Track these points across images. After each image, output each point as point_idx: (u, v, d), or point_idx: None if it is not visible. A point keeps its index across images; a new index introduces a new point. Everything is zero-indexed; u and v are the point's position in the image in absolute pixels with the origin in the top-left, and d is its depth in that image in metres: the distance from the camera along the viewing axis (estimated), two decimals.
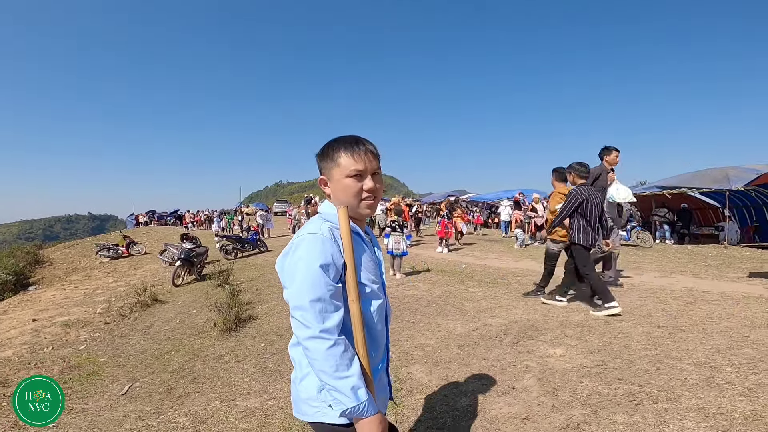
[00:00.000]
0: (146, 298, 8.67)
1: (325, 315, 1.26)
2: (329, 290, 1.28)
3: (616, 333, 4.02)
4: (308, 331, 1.25)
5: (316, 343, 1.24)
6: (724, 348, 3.44)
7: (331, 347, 1.24)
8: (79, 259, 20.27)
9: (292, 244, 1.37)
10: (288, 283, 1.32)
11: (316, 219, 1.43)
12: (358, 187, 1.38)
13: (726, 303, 4.95)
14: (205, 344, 5.36)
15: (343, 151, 1.39)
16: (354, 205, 1.40)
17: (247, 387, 3.83)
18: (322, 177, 1.46)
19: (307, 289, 1.26)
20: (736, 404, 2.51)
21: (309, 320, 1.25)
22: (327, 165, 1.43)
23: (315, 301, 1.25)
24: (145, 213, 41.32)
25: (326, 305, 1.27)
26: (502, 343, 4.03)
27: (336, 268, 1.31)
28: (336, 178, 1.40)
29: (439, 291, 6.54)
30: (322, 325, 1.25)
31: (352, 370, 1.25)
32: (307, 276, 1.27)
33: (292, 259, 1.33)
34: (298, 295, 1.27)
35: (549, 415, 2.64)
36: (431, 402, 3.06)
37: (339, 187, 1.40)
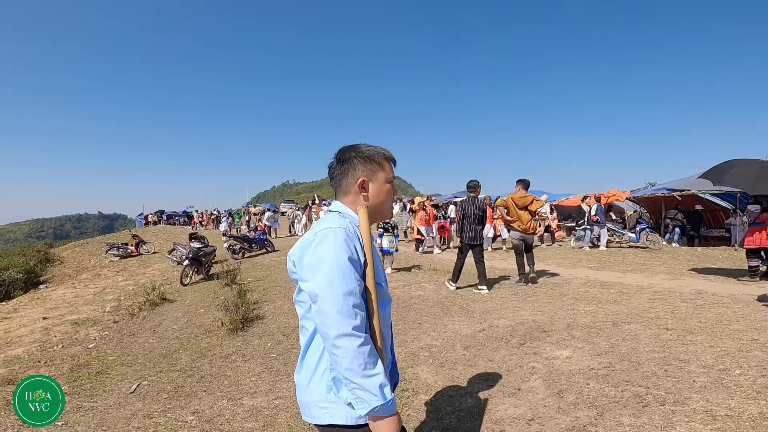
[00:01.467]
0: (155, 297, 8.73)
1: (356, 311, 1.24)
2: (359, 284, 1.28)
3: (624, 335, 3.99)
4: (340, 328, 1.21)
5: (347, 341, 1.21)
6: (733, 351, 3.40)
7: (362, 345, 1.22)
8: (89, 258, 20.48)
9: (315, 235, 1.33)
10: (315, 276, 1.27)
11: (334, 215, 1.43)
12: (392, 192, 1.54)
13: (736, 306, 4.90)
14: (212, 343, 5.40)
15: (385, 159, 1.51)
16: (387, 207, 1.53)
17: (254, 386, 3.85)
18: (365, 178, 1.47)
19: (340, 282, 1.24)
20: (744, 407, 2.48)
21: (342, 316, 1.21)
22: (373, 168, 1.49)
23: (348, 295, 1.23)
24: (154, 212, 41.65)
25: (357, 299, 1.26)
26: (509, 345, 4.01)
27: (360, 264, 1.33)
28: (381, 181, 1.49)
29: (446, 292, 6.54)
30: (354, 321, 1.22)
31: (378, 368, 1.24)
32: (338, 269, 1.25)
33: (319, 250, 1.29)
34: (330, 288, 1.23)
35: (555, 417, 2.63)
36: (437, 403, 3.07)
37: (381, 189, 1.49)
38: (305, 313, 1.38)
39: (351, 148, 1.51)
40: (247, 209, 30.94)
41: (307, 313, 1.37)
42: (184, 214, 40.03)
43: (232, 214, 25.93)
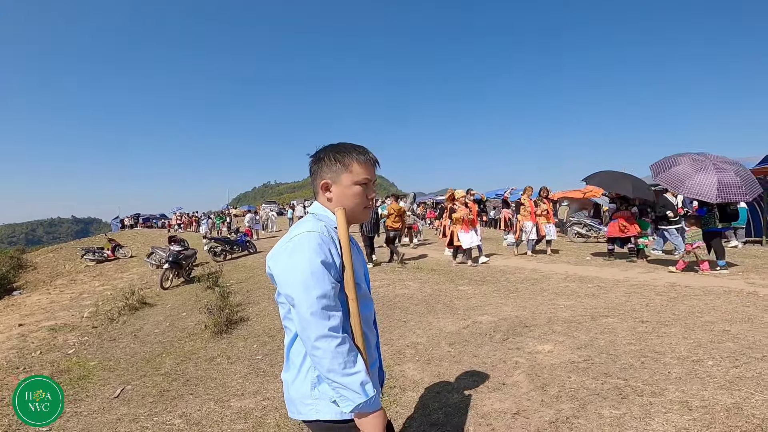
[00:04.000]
0: (134, 301, 8.59)
1: (331, 313, 1.27)
2: (333, 287, 1.30)
3: (602, 328, 4.13)
4: (316, 330, 1.24)
5: (325, 342, 1.25)
6: (706, 342, 3.56)
7: (339, 345, 1.26)
8: (63, 263, 19.94)
9: (290, 241, 1.36)
10: (289, 281, 1.30)
11: (310, 218, 1.45)
12: (365, 195, 1.46)
13: (707, 298, 5.10)
14: (196, 346, 5.35)
15: (356, 159, 1.44)
16: (357, 211, 1.46)
17: (241, 388, 3.85)
18: (327, 180, 1.47)
19: (313, 285, 1.26)
20: (718, 397, 2.61)
21: (317, 318, 1.25)
22: (336, 169, 1.45)
23: (321, 298, 1.26)
24: (130, 216, 40.77)
25: (331, 302, 1.28)
26: (492, 340, 4.10)
27: (335, 267, 1.34)
28: (345, 184, 1.44)
29: (430, 290, 6.61)
30: (330, 323, 1.26)
31: (359, 366, 1.28)
32: (311, 272, 1.27)
33: (293, 256, 1.31)
34: (304, 292, 1.26)
35: (539, 410, 2.71)
36: (424, 399, 3.12)
37: (346, 192, 1.44)
38: (287, 313, 1.40)
39: (325, 148, 1.50)
40: (228, 211, 30.54)
41: (288, 314, 1.40)
42: (162, 217, 39.28)
43: (212, 216, 25.55)
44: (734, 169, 6.77)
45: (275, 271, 1.37)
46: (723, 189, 6.47)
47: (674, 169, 7.07)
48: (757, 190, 6.72)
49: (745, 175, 6.74)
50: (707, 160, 6.99)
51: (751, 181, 6.69)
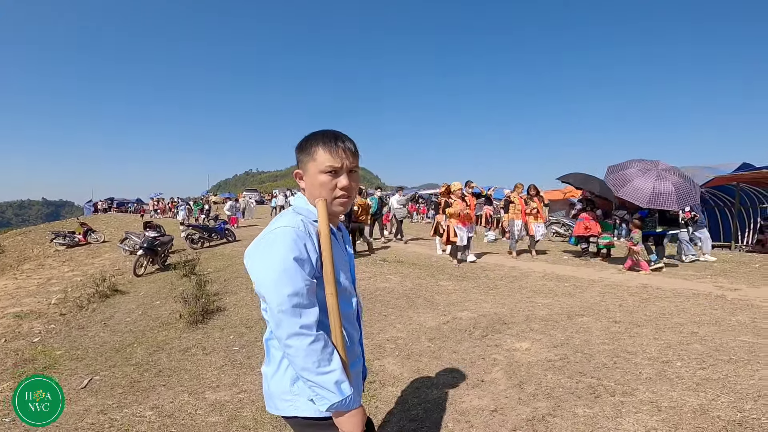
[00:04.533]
0: (105, 288, 8.35)
1: (303, 310, 1.25)
2: (306, 284, 1.26)
3: (578, 327, 4.21)
4: (288, 328, 1.23)
5: (297, 340, 1.23)
6: (675, 343, 3.67)
7: (312, 343, 1.24)
8: (32, 247, 19.29)
9: (264, 237, 1.34)
10: (261, 278, 1.28)
11: (288, 212, 1.42)
12: (333, 184, 1.38)
13: (677, 300, 5.26)
14: (170, 336, 5.25)
15: (321, 146, 1.37)
16: (327, 201, 1.40)
17: (216, 380, 3.79)
18: (298, 170, 1.45)
19: (284, 283, 1.24)
20: (686, 398, 2.68)
21: (288, 316, 1.23)
22: (303, 158, 1.41)
23: (293, 296, 1.23)
24: (104, 200, 39.64)
25: (303, 300, 1.25)
26: (472, 337, 4.14)
27: (311, 263, 1.30)
28: (311, 173, 1.39)
29: (411, 284, 6.63)
30: (301, 321, 1.24)
31: (333, 365, 1.26)
32: (282, 270, 1.25)
33: (266, 253, 1.30)
34: (275, 289, 1.24)
35: (516, 408, 2.75)
36: (403, 394, 3.14)
37: (313, 182, 1.38)
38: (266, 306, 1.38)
39: (304, 137, 1.45)
40: (207, 197, 29.98)
41: None
42: (137, 202, 38.34)
43: (190, 203, 25.05)
44: (674, 180, 7.36)
45: (249, 268, 1.34)
46: (655, 196, 7.15)
47: (623, 172, 7.78)
48: (690, 201, 7.43)
49: (682, 186, 7.31)
50: (654, 168, 7.65)
51: (685, 193, 7.26)
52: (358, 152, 1.45)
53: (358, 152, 1.44)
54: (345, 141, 1.40)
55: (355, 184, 1.44)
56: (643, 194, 7.22)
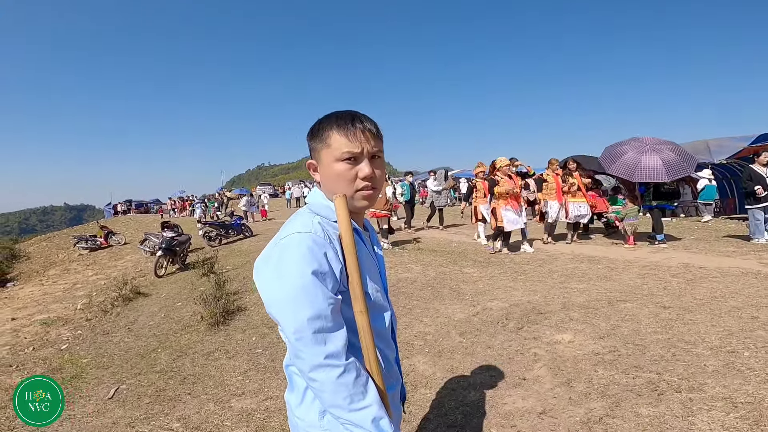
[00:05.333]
0: (128, 291, 8.33)
1: (327, 336, 1.01)
2: (330, 304, 1.03)
3: (623, 315, 3.92)
4: (310, 359, 1.01)
5: (323, 373, 1.00)
6: (737, 330, 3.35)
7: (342, 375, 1.01)
8: (56, 252, 19.62)
9: (275, 247, 1.09)
10: (273, 299, 1.05)
11: (303, 212, 1.17)
12: (352, 174, 1.13)
13: (726, 280, 4.90)
14: (192, 340, 5.13)
15: (335, 129, 1.13)
16: (348, 195, 1.13)
17: (241, 386, 3.63)
18: (311, 161, 1.21)
19: (302, 304, 1.00)
20: (763, 392, 2.40)
21: (309, 345, 1.00)
22: (316, 146, 1.17)
23: (314, 319, 1.00)
24: (122, 202, 40.28)
25: (327, 323, 1.01)
26: (506, 329, 3.89)
27: (333, 276, 1.06)
28: (326, 162, 1.15)
29: (433, 272, 6.39)
30: (326, 349, 1.00)
31: (369, 398, 1.03)
32: (299, 287, 1.01)
33: (277, 267, 1.05)
34: (292, 314, 1.01)
35: (567, 409, 2.50)
36: (438, 397, 2.91)
37: (329, 173, 1.14)
38: None
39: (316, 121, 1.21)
40: (223, 193, 30.16)
41: None
42: (155, 202, 38.91)
43: (205, 201, 25.21)
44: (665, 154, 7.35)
45: (258, 286, 1.09)
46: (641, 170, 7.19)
47: (616, 149, 7.88)
48: (681, 173, 7.35)
49: (673, 159, 7.27)
50: (644, 144, 7.68)
51: (676, 166, 7.18)
52: (381, 134, 1.19)
53: (380, 134, 1.19)
54: (364, 121, 1.15)
55: (381, 171, 1.17)
56: (630, 169, 7.33)
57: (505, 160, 7.51)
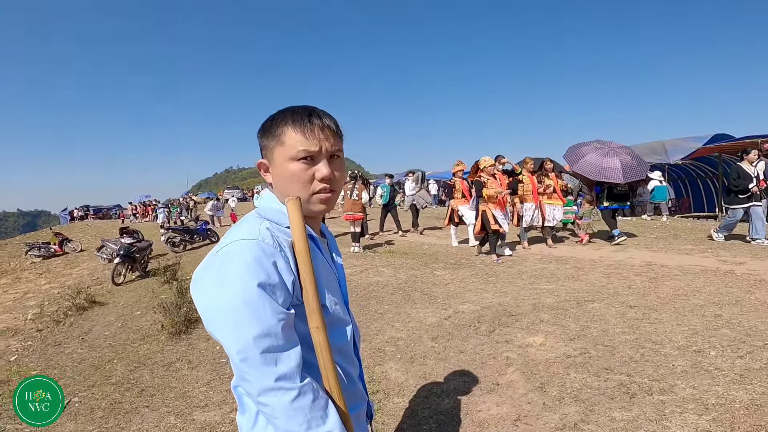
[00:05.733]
0: (82, 300, 7.90)
1: (278, 356, 0.89)
2: (280, 319, 0.91)
3: (591, 315, 3.95)
4: (259, 382, 0.89)
5: (274, 397, 0.88)
6: (701, 329, 3.41)
7: (297, 398, 0.89)
8: (8, 261, 18.49)
9: (215, 256, 0.96)
10: (212, 316, 0.92)
11: (250, 217, 1.05)
12: (309, 175, 1.02)
13: (687, 278, 5.04)
14: (152, 350, 4.88)
15: (290, 125, 1.02)
16: (303, 199, 1.03)
17: (204, 398, 3.44)
18: (262, 160, 1.09)
19: (246, 321, 0.88)
20: (733, 393, 2.43)
21: (256, 366, 0.88)
22: (268, 143, 1.06)
23: (261, 338, 0.88)
24: (80, 207, 38.54)
25: (278, 341, 0.90)
26: (478, 333, 3.85)
27: (285, 289, 0.94)
28: (279, 162, 1.03)
29: (405, 276, 6.32)
30: (277, 371, 0.88)
31: (329, 423, 0.92)
32: (243, 302, 0.89)
33: (217, 280, 0.93)
34: (234, 332, 0.89)
35: (542, 415, 2.46)
36: (412, 405, 2.82)
37: (282, 173, 1.03)
38: None
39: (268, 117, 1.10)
40: (189, 197, 29.27)
41: None
42: (116, 207, 37.46)
43: (169, 206, 24.40)
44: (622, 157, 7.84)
45: (195, 301, 0.96)
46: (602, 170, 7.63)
47: (579, 150, 8.29)
48: (636, 176, 7.85)
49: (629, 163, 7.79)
50: (605, 147, 8.19)
51: (632, 169, 7.70)
52: (341, 131, 1.09)
53: (341, 132, 1.09)
54: (323, 117, 1.05)
55: (340, 173, 1.06)
56: (593, 168, 7.73)
57: (489, 160, 7.13)
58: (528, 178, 7.85)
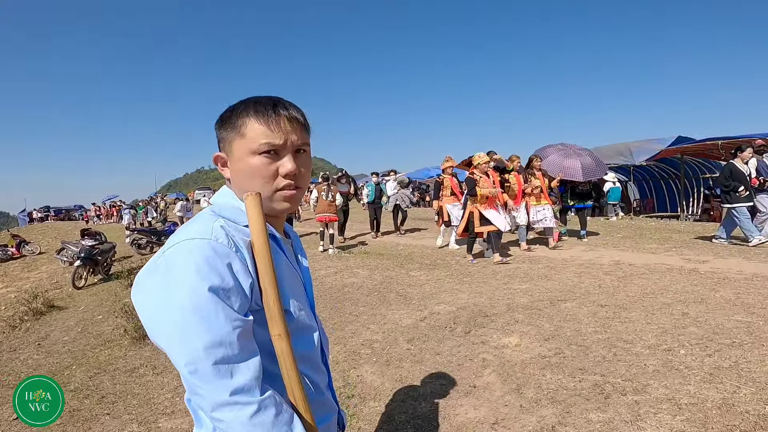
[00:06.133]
0: (39, 304, 7.51)
1: (234, 367, 0.80)
2: (236, 327, 0.82)
3: (564, 315, 3.98)
4: (212, 396, 0.79)
5: (230, 413, 0.79)
6: (670, 327, 3.47)
7: (256, 414, 0.79)
8: None
9: (161, 257, 0.86)
10: (157, 324, 0.82)
11: (203, 215, 0.95)
12: (272, 170, 0.93)
13: (654, 276, 5.16)
14: (113, 355, 4.66)
15: (252, 116, 0.93)
16: (265, 196, 0.93)
17: (170, 405, 3.29)
18: (219, 153, 1.00)
19: (195, 329, 0.79)
20: (705, 392, 2.46)
21: (208, 379, 0.79)
22: (227, 135, 0.97)
23: (213, 348, 0.78)
24: (39, 208, 36.84)
25: (232, 351, 0.80)
26: (454, 334, 3.82)
27: (241, 293, 0.85)
28: (238, 155, 0.95)
29: (380, 277, 6.26)
30: (233, 383, 0.79)
31: None
32: (191, 308, 0.79)
33: (163, 284, 0.83)
34: (181, 342, 0.79)
35: (519, 417, 2.43)
36: (388, 410, 2.76)
37: (242, 167, 0.94)
38: None
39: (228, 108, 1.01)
40: (161, 197, 28.38)
41: None
42: (77, 208, 35.99)
43: (134, 207, 23.58)
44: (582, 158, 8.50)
45: (137, 306, 0.86)
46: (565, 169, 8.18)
47: (543, 151, 8.84)
48: (595, 176, 8.61)
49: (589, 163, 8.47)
50: (567, 149, 8.78)
51: (591, 169, 8.42)
52: (309, 124, 1.01)
53: (308, 124, 1.00)
54: (289, 108, 0.96)
55: (306, 170, 0.98)
56: (556, 166, 8.27)
57: (483, 157, 6.67)
58: (514, 177, 7.33)
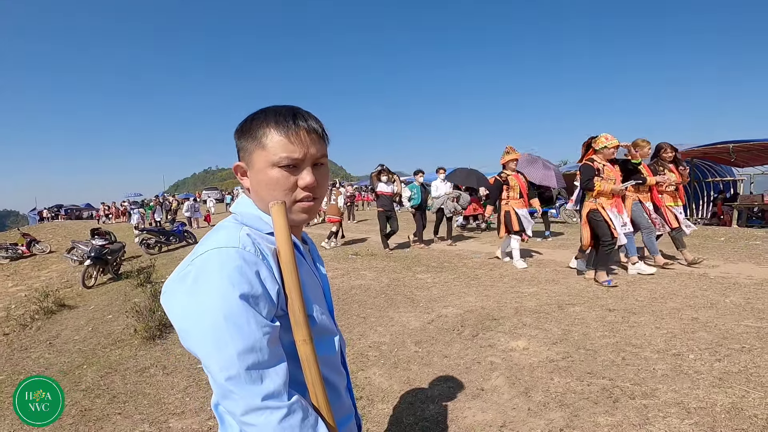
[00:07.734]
0: (50, 303, 7.61)
1: (264, 372, 0.83)
2: (266, 333, 0.84)
3: (572, 319, 3.98)
4: (244, 402, 0.82)
5: (261, 417, 0.82)
6: (679, 332, 3.46)
7: (285, 418, 0.82)
8: None
9: (191, 265, 0.88)
10: (190, 331, 0.84)
11: (228, 223, 0.98)
12: (291, 182, 0.95)
13: (663, 280, 5.13)
14: (124, 355, 4.70)
15: (273, 127, 0.94)
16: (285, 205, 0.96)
17: (181, 405, 3.32)
18: (239, 163, 1.02)
19: (229, 336, 0.81)
20: (714, 396, 2.45)
21: (241, 385, 0.81)
22: (247, 146, 0.98)
23: (245, 354, 0.81)
24: (50, 207, 37.27)
25: (263, 357, 0.83)
26: (462, 337, 3.83)
27: (269, 299, 0.87)
28: (258, 167, 0.96)
29: (387, 279, 6.29)
30: (264, 389, 0.82)
31: None
32: (224, 316, 0.82)
33: (194, 291, 0.85)
34: (216, 348, 0.82)
35: (527, 421, 2.44)
36: (396, 412, 2.77)
37: (262, 179, 0.96)
38: None
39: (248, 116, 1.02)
40: (162, 198, 28.58)
41: None
42: (87, 207, 36.37)
43: (143, 207, 23.81)
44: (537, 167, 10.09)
45: (169, 314, 0.88)
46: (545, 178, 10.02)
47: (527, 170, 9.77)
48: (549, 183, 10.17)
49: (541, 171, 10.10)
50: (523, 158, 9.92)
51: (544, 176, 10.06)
52: (327, 136, 1.02)
53: (326, 136, 1.01)
54: (308, 119, 0.97)
55: (323, 181, 1.00)
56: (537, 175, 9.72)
57: (612, 140, 5.27)
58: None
